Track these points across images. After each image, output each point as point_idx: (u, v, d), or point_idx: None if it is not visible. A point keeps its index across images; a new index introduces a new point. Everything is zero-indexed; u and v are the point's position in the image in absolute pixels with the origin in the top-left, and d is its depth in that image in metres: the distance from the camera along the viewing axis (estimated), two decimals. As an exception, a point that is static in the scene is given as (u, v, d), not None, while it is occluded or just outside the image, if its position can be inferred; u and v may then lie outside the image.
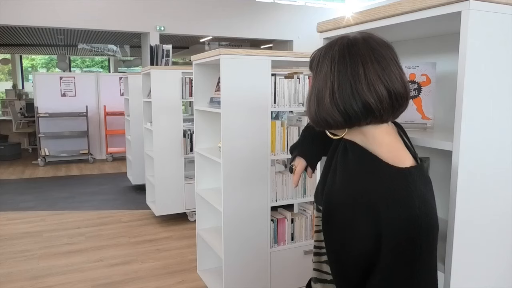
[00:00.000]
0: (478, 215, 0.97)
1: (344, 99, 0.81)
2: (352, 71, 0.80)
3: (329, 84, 0.82)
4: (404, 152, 0.86)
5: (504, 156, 0.98)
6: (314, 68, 0.88)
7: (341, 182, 0.93)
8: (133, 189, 5.59)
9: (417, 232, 0.77)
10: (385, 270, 0.81)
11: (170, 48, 4.60)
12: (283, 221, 2.58)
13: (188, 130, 4.13)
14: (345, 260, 0.89)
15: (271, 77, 2.40)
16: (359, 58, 0.81)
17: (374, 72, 0.80)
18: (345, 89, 0.81)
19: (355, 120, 0.83)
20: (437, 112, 1.34)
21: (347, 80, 0.80)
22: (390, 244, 0.79)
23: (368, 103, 0.80)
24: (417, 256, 0.78)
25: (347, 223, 0.88)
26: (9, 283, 2.93)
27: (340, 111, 0.82)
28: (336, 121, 0.84)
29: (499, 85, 0.95)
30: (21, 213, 4.60)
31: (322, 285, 1.05)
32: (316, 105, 0.85)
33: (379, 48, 0.82)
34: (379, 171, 0.84)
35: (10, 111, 8.73)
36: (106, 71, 15.74)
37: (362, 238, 0.84)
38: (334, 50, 0.83)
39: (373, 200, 0.83)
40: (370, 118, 0.82)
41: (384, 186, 0.82)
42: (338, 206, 0.92)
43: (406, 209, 0.78)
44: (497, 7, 0.90)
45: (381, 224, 0.81)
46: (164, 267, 3.20)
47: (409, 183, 0.80)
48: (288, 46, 8.98)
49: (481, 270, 1.01)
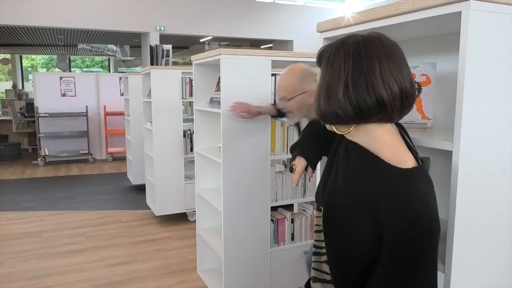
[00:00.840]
0: (478, 215, 0.97)
1: (358, 93, 0.82)
2: (368, 66, 0.82)
3: (342, 78, 0.83)
4: (406, 153, 0.86)
5: (504, 156, 0.98)
6: (324, 63, 0.88)
7: (343, 182, 0.93)
8: (133, 189, 5.59)
9: (418, 233, 0.77)
10: (386, 270, 0.81)
11: (170, 48, 4.60)
12: (283, 221, 2.58)
13: (188, 130, 4.13)
14: (345, 260, 0.89)
15: (271, 77, 2.40)
16: (375, 54, 0.82)
17: (389, 69, 0.82)
18: (360, 83, 0.82)
19: (366, 115, 0.83)
20: (437, 112, 1.34)
21: (362, 74, 0.82)
22: (391, 244, 0.79)
23: (382, 98, 0.81)
24: (418, 257, 0.78)
25: (348, 223, 0.88)
26: (9, 283, 2.93)
27: (352, 105, 0.82)
28: (346, 115, 0.84)
29: (499, 85, 0.95)
30: (21, 213, 4.60)
31: (321, 285, 1.05)
32: (327, 98, 0.85)
33: (392, 47, 0.84)
34: (381, 172, 0.84)
35: (10, 111, 8.73)
36: (106, 71, 15.74)
37: (363, 238, 0.84)
38: (349, 45, 0.84)
39: (374, 201, 0.83)
40: (381, 114, 0.83)
41: (386, 187, 0.82)
42: (339, 206, 0.92)
43: (408, 209, 0.78)
44: (497, 7, 0.90)
45: (382, 224, 0.81)
46: (164, 267, 3.20)
47: (411, 184, 0.80)
48: (288, 46, 8.98)
49: (481, 270, 1.01)
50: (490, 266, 1.02)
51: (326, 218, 0.96)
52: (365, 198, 0.85)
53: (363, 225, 0.84)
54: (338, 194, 0.94)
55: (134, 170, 5.39)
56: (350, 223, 0.88)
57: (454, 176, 0.93)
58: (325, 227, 0.96)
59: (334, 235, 0.93)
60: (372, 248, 0.83)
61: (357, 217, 0.86)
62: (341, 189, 0.93)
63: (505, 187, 1.00)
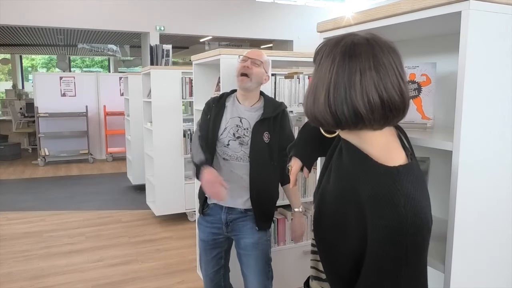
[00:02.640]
0: (478, 215, 0.97)
1: (336, 102, 0.80)
2: (348, 77, 0.79)
3: (325, 84, 0.81)
4: (397, 152, 0.85)
5: (504, 156, 0.98)
6: (317, 63, 0.87)
7: (334, 181, 0.94)
8: (133, 189, 5.59)
9: (402, 231, 0.76)
10: (370, 270, 0.80)
11: (170, 48, 4.60)
12: (283, 221, 2.58)
13: (188, 130, 4.13)
14: (336, 259, 0.90)
15: (271, 77, 2.40)
16: (358, 65, 0.79)
17: (371, 80, 0.78)
18: (339, 93, 0.79)
19: (345, 125, 0.82)
20: (437, 112, 1.34)
21: (342, 84, 0.79)
22: (375, 243, 0.78)
23: (359, 111, 0.79)
24: (402, 256, 0.76)
25: (337, 222, 0.89)
26: (9, 283, 2.93)
27: (332, 113, 0.81)
28: (327, 122, 0.83)
29: (499, 85, 0.95)
30: (21, 213, 4.60)
31: (318, 283, 1.05)
32: (312, 102, 0.84)
33: (381, 55, 0.80)
34: (368, 170, 0.83)
35: (10, 111, 8.73)
36: (106, 71, 15.74)
37: (351, 237, 0.84)
38: (337, 49, 0.82)
39: (361, 199, 0.82)
40: (360, 125, 0.81)
41: (371, 185, 0.81)
42: (329, 205, 0.93)
43: (391, 207, 0.77)
44: (497, 7, 0.90)
45: (367, 221, 0.80)
46: (164, 267, 3.20)
47: (395, 182, 0.79)
48: (288, 46, 8.98)
49: (481, 270, 1.01)
50: (490, 266, 1.02)
51: (317, 216, 0.97)
52: (352, 197, 0.85)
53: (351, 224, 0.84)
54: (329, 193, 0.94)
55: (134, 170, 5.39)
56: (339, 222, 0.88)
57: (454, 176, 0.93)
58: (316, 226, 0.97)
59: (324, 233, 0.94)
60: (360, 246, 0.82)
61: (346, 216, 0.86)
62: (332, 188, 0.93)
63: (505, 187, 1.00)
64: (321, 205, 0.96)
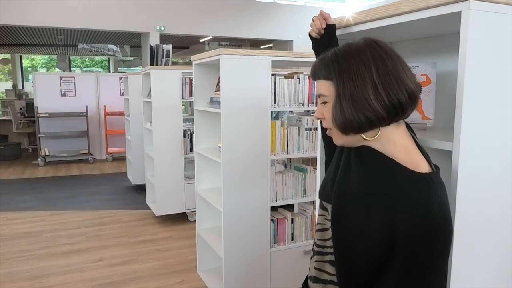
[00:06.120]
0: (478, 215, 0.97)
1: (389, 92, 0.84)
2: (391, 64, 0.85)
3: (369, 83, 0.84)
4: (419, 156, 0.88)
5: (504, 156, 0.98)
6: (336, 76, 0.88)
7: (355, 182, 0.92)
8: (133, 189, 5.59)
9: (433, 237, 0.78)
10: (396, 272, 0.81)
11: (170, 48, 4.59)
12: (283, 221, 2.58)
13: (188, 130, 4.13)
14: (352, 259, 0.89)
15: (271, 77, 2.40)
16: (391, 52, 0.86)
17: (404, 63, 0.87)
18: (390, 82, 0.84)
19: (400, 111, 0.86)
20: (437, 112, 1.34)
21: (389, 73, 0.84)
22: (404, 248, 0.80)
23: (412, 91, 0.85)
24: (430, 262, 0.79)
25: (360, 223, 0.88)
26: (9, 283, 2.93)
27: (385, 106, 0.84)
28: (379, 118, 0.85)
29: (499, 85, 0.95)
30: (21, 213, 4.60)
31: (322, 286, 1.04)
32: (353, 107, 0.85)
33: (390, 46, 0.89)
34: (398, 175, 0.84)
35: (10, 111, 8.72)
36: (106, 71, 15.74)
37: (374, 239, 0.84)
38: (358, 52, 0.87)
39: (389, 203, 0.83)
40: (412, 107, 0.87)
41: (404, 190, 0.82)
42: (350, 205, 0.91)
43: (426, 214, 0.79)
44: (497, 7, 0.90)
45: (396, 226, 0.81)
46: (164, 267, 3.20)
47: (430, 189, 0.81)
48: (288, 46, 8.98)
49: (481, 270, 1.01)
50: (490, 266, 1.02)
51: (336, 217, 0.95)
52: (379, 200, 0.85)
53: (375, 226, 0.84)
54: (349, 193, 0.93)
55: (134, 170, 5.39)
56: (361, 223, 0.87)
57: (454, 176, 0.93)
58: (334, 225, 0.95)
59: (343, 234, 0.92)
60: (382, 249, 0.83)
61: (369, 217, 0.86)
62: (353, 189, 0.92)
63: (505, 187, 1.00)
64: (340, 204, 0.94)
